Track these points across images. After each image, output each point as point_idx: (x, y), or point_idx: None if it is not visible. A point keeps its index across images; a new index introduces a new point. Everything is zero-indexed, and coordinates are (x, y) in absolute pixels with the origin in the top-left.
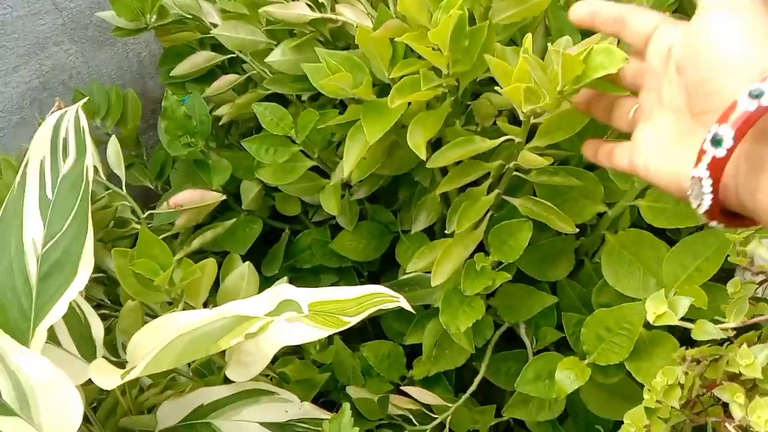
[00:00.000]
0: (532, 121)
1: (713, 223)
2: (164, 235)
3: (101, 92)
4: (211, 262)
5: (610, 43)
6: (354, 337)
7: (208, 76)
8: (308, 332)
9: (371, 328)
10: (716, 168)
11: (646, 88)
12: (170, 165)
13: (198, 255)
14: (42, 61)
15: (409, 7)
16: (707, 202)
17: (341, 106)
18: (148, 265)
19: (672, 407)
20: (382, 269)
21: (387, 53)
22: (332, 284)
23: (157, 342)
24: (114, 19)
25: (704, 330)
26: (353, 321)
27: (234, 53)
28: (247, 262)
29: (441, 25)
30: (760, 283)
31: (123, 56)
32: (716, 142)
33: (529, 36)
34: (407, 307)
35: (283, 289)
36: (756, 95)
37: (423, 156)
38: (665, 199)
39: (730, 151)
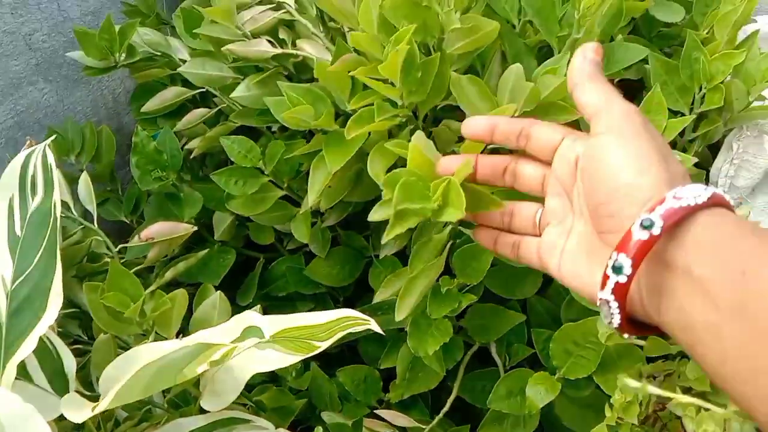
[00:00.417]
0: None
1: (626, 335)
2: (138, 268)
3: (75, 129)
4: (181, 293)
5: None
6: (332, 363)
7: (178, 110)
8: (279, 358)
9: (348, 354)
10: (620, 292)
11: (552, 193)
12: (145, 199)
13: (173, 287)
14: (16, 100)
15: (361, 42)
16: (617, 320)
17: (310, 135)
18: (118, 297)
19: (632, 424)
20: (357, 294)
21: (346, 86)
22: (308, 311)
23: (126, 373)
24: (84, 59)
25: (657, 346)
26: (324, 345)
27: (204, 88)
28: (218, 292)
29: (389, 59)
30: None
31: (98, 94)
32: (617, 269)
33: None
34: (377, 329)
35: (246, 317)
36: (647, 226)
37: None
38: None
39: (630, 277)
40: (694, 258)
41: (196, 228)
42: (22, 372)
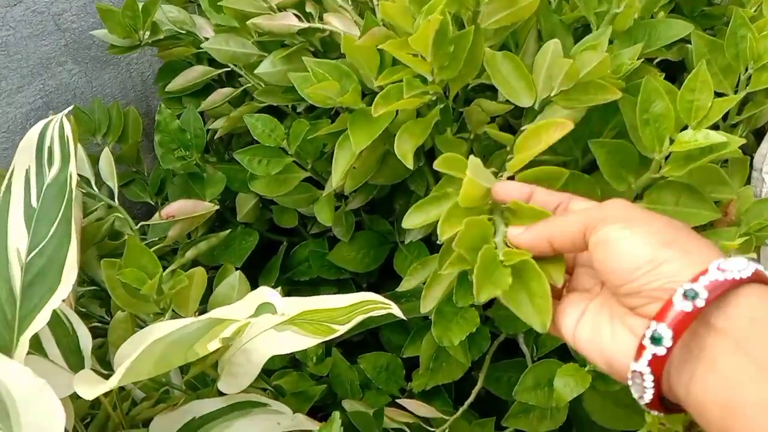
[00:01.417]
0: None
1: (654, 413)
2: (158, 247)
3: (102, 110)
4: (200, 271)
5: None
6: (354, 350)
7: (204, 90)
8: (297, 341)
9: (371, 341)
10: (657, 365)
11: (582, 264)
12: (170, 180)
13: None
14: (45, 81)
15: (391, 14)
16: (649, 395)
17: (336, 117)
18: (135, 274)
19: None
20: (381, 280)
21: (374, 61)
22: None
23: (138, 350)
24: (108, 37)
25: None
26: (343, 329)
27: (229, 67)
28: (238, 272)
29: (420, 31)
30: None
31: (126, 76)
32: (656, 340)
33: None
34: (399, 314)
35: (260, 293)
36: (691, 296)
37: (410, 165)
38: (664, 200)
39: (670, 350)
40: (746, 334)
41: (218, 207)
42: (37, 346)
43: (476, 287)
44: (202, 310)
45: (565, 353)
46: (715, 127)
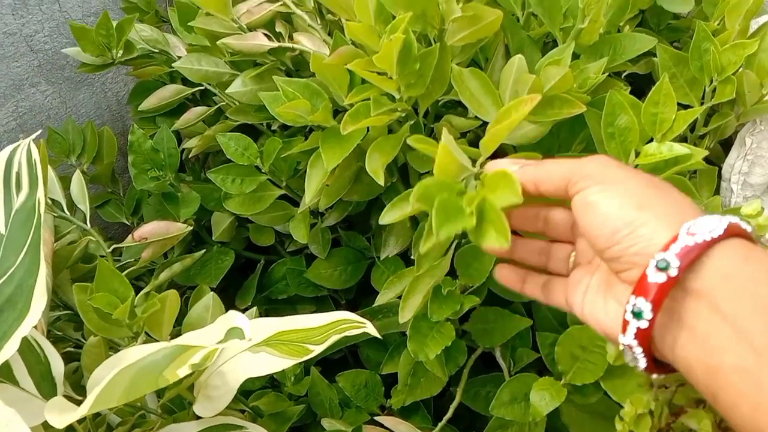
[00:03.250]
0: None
1: (654, 376)
2: (132, 270)
3: (76, 130)
4: (172, 294)
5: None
6: (333, 367)
7: (178, 109)
8: (272, 363)
9: (351, 359)
10: (642, 337)
11: (581, 236)
12: (146, 200)
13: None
14: (19, 102)
15: (357, 33)
16: (642, 363)
17: (311, 133)
18: (106, 298)
19: None
20: (359, 296)
21: (344, 80)
22: (309, 314)
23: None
24: (80, 56)
25: None
26: (318, 349)
27: (203, 85)
28: (211, 293)
29: (384, 50)
30: None
31: (101, 96)
32: (637, 314)
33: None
34: (374, 333)
35: (230, 317)
36: (662, 267)
37: (381, 182)
38: None
39: (651, 321)
40: (721, 293)
41: (191, 228)
42: (7, 375)
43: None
44: (177, 332)
45: (542, 366)
46: (682, 138)
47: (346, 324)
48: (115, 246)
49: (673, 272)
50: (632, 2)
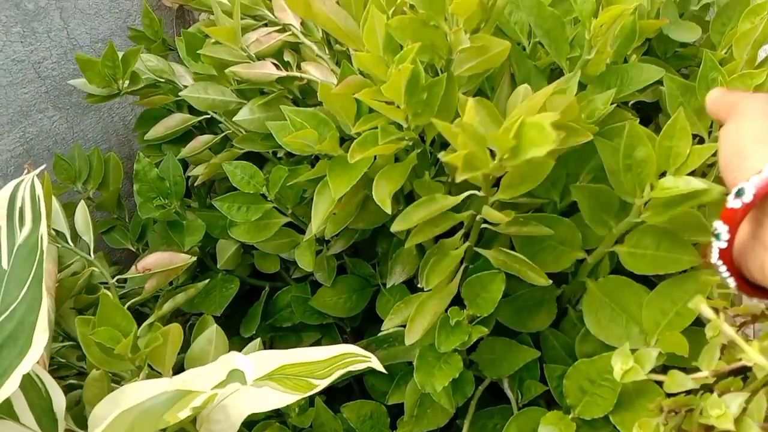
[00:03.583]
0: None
1: (755, 301)
2: (135, 300)
3: (82, 157)
4: (175, 328)
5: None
6: (339, 397)
7: (184, 136)
8: (276, 398)
9: (357, 388)
10: (725, 256)
11: None
12: (151, 227)
13: (180, 317)
14: (26, 128)
15: (366, 63)
16: (732, 282)
17: (316, 161)
18: (108, 333)
19: None
20: (365, 324)
21: (351, 109)
22: (314, 342)
23: (110, 416)
24: (87, 87)
25: (676, 381)
26: (323, 384)
27: (209, 114)
28: (214, 326)
29: (392, 80)
30: (741, 326)
31: (108, 121)
32: (716, 236)
33: (470, 102)
34: (378, 367)
35: (232, 358)
36: (739, 194)
37: (388, 210)
38: (644, 245)
39: (730, 242)
40: None
41: (194, 259)
42: (8, 411)
43: None
44: (181, 360)
45: (550, 399)
46: (691, 170)
47: (350, 358)
48: (118, 277)
49: (748, 198)
50: (639, 31)
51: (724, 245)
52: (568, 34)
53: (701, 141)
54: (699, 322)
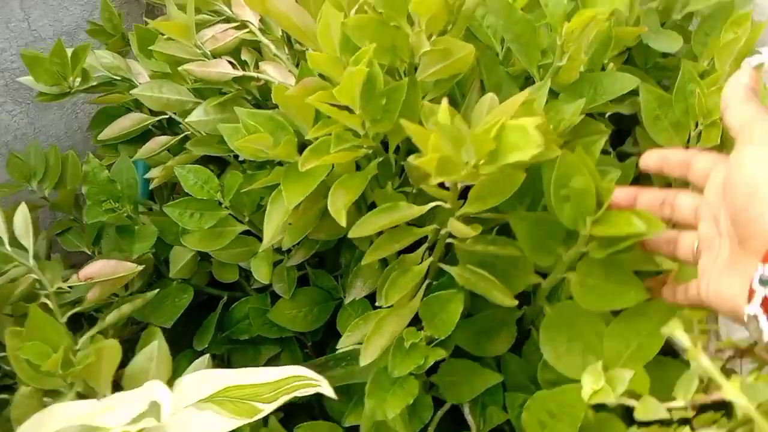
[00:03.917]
0: (464, 184)
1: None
2: (72, 312)
3: (39, 154)
4: (111, 345)
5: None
6: (299, 414)
7: (142, 137)
8: (217, 424)
9: (317, 406)
10: None
11: (704, 219)
12: (106, 231)
13: (135, 326)
14: None
15: (321, 64)
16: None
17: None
18: (37, 348)
19: None
20: (328, 338)
21: (308, 113)
22: (274, 356)
23: None
24: (36, 84)
25: (649, 409)
26: (268, 408)
27: (167, 114)
28: (156, 342)
29: (343, 83)
30: (727, 360)
31: (72, 117)
32: (765, 282)
33: (444, 102)
34: (329, 393)
35: (154, 388)
36: None
37: (342, 222)
38: (594, 274)
39: None
40: None
41: (140, 268)
42: None
43: None
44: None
45: (512, 429)
46: (667, 184)
47: (299, 381)
48: (60, 285)
49: None
50: (615, 39)
51: None
52: (542, 40)
53: None
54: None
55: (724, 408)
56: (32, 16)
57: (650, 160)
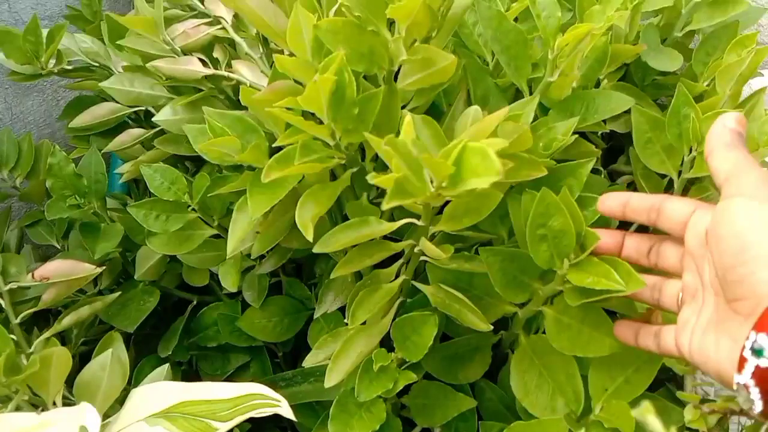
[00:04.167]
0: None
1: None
2: (26, 313)
3: (12, 142)
4: (59, 351)
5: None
6: (268, 424)
7: (116, 129)
8: None
9: (286, 420)
10: (762, 377)
11: (687, 269)
12: (76, 225)
13: (102, 325)
14: None
15: (289, 68)
16: (759, 407)
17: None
18: None
19: None
20: (299, 349)
21: (279, 117)
22: (242, 365)
23: None
24: (6, 62)
25: None
26: (224, 428)
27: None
28: (109, 350)
29: (308, 91)
30: (720, 421)
31: (53, 104)
32: (757, 351)
33: (408, 118)
34: (289, 414)
35: (81, 411)
36: None
37: (309, 237)
38: (571, 313)
39: None
40: None
41: (99, 270)
42: None
43: None
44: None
45: None
46: None
47: (258, 400)
48: (13, 284)
49: None
50: (612, 55)
51: (766, 363)
52: (534, 53)
53: (670, 182)
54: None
55: None
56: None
57: (610, 203)
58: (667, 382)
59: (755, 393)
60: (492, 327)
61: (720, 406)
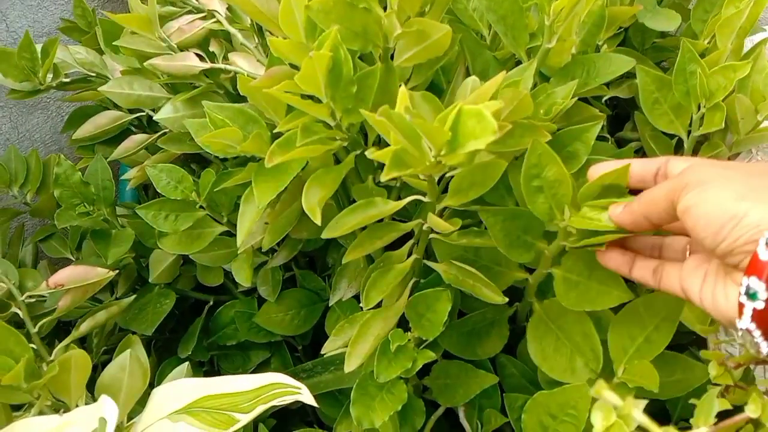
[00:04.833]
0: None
1: None
2: (45, 321)
3: (19, 159)
4: (79, 355)
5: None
6: (293, 419)
7: (120, 136)
8: None
9: (311, 410)
10: (761, 318)
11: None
12: (88, 236)
13: (123, 333)
14: None
15: (283, 51)
16: (765, 348)
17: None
18: None
19: None
20: (317, 341)
21: (279, 104)
22: (263, 361)
23: None
24: (5, 81)
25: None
26: (246, 419)
27: (143, 111)
28: (128, 351)
29: (304, 69)
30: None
31: (57, 120)
32: (751, 295)
33: (403, 90)
34: (310, 400)
35: (101, 405)
36: None
37: (317, 220)
38: (578, 270)
39: None
40: None
41: (113, 274)
42: None
43: None
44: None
45: (510, 431)
46: None
47: (278, 389)
48: (28, 294)
49: None
50: (609, 19)
51: (761, 306)
52: (527, 21)
53: (680, 142)
54: (674, 347)
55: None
56: (10, 17)
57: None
58: (689, 346)
59: (758, 335)
60: (507, 299)
61: (743, 359)
